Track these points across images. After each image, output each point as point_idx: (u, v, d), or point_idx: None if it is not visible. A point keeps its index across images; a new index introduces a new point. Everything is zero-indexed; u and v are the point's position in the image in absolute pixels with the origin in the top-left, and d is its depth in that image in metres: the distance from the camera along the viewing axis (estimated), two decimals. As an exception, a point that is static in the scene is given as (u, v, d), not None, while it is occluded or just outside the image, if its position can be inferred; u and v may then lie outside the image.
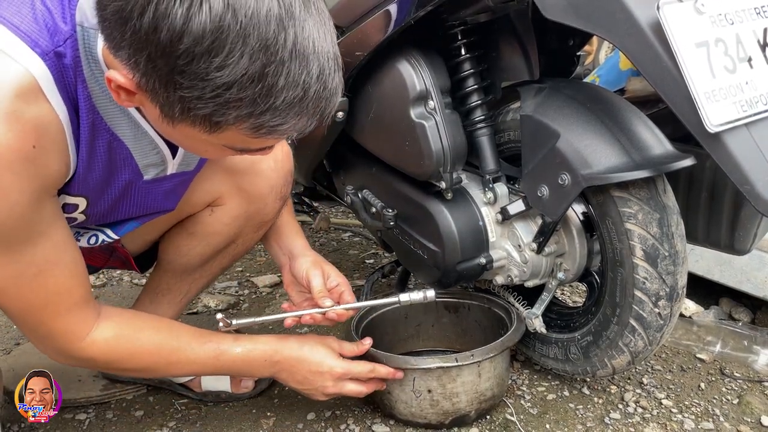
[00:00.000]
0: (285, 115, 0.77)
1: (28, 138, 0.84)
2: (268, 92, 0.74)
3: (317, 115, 0.80)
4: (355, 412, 1.39)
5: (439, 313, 1.54)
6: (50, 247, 0.96)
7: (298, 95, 0.76)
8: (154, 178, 1.08)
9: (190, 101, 0.75)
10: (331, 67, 0.78)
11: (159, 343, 1.11)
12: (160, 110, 0.79)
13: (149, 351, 1.11)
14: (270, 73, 0.73)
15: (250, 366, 1.20)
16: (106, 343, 1.06)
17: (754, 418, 1.36)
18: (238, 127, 0.78)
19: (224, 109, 0.75)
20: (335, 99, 0.81)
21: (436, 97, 1.30)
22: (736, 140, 0.97)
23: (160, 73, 0.74)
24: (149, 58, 0.73)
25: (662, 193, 1.18)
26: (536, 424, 1.34)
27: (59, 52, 0.84)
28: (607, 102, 1.22)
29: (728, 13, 0.99)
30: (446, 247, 1.35)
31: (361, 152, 1.54)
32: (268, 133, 0.80)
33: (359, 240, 2.43)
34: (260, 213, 1.32)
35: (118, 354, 1.09)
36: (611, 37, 1.01)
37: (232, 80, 0.72)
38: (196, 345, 1.14)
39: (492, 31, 1.32)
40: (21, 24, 0.83)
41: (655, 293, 1.19)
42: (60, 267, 0.98)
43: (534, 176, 1.24)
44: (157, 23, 0.70)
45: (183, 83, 0.73)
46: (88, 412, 1.42)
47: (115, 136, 0.96)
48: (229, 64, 0.71)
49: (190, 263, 1.35)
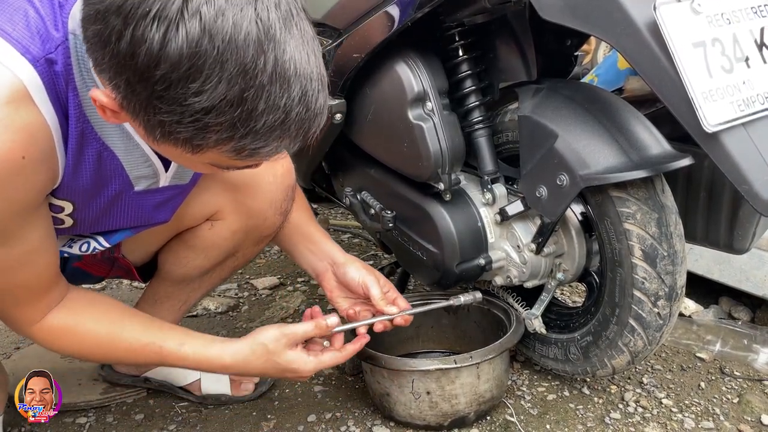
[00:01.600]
0: (266, 138, 0.76)
1: (17, 149, 0.83)
2: (248, 116, 0.73)
3: (300, 137, 0.79)
4: (355, 414, 1.39)
5: (439, 314, 1.54)
6: (25, 250, 0.96)
7: (279, 118, 0.75)
8: (146, 190, 1.06)
9: (170, 125, 0.74)
10: (315, 88, 0.77)
11: (98, 338, 1.09)
12: (144, 129, 0.79)
13: (88, 344, 1.10)
14: (249, 97, 0.72)
15: (200, 368, 1.19)
16: (50, 331, 1.07)
17: (754, 416, 1.36)
18: (220, 149, 0.78)
19: (204, 132, 0.75)
20: (319, 119, 0.80)
21: (434, 99, 1.30)
22: (734, 140, 0.97)
23: (140, 97, 0.73)
24: (128, 82, 0.72)
25: (661, 192, 1.18)
26: (536, 425, 1.34)
27: (50, 58, 0.83)
28: (605, 102, 1.22)
29: (725, 13, 0.99)
30: (445, 248, 1.35)
31: (359, 154, 1.54)
32: (250, 155, 0.79)
33: (358, 241, 2.43)
34: (259, 228, 1.31)
35: (62, 343, 1.09)
36: (608, 38, 1.01)
37: (210, 105, 0.71)
38: (138, 345, 1.10)
39: (489, 33, 1.32)
40: (12, 31, 0.82)
41: (654, 293, 1.19)
42: (29, 267, 0.99)
43: (532, 177, 1.24)
44: (134, 48, 0.69)
45: (162, 108, 0.72)
46: (89, 416, 1.42)
47: (105, 146, 0.95)
48: (207, 89, 0.70)
49: (188, 274, 1.35)
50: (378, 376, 1.31)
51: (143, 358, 1.13)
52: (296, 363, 1.13)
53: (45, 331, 1.07)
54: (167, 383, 1.47)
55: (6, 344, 1.76)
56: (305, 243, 1.35)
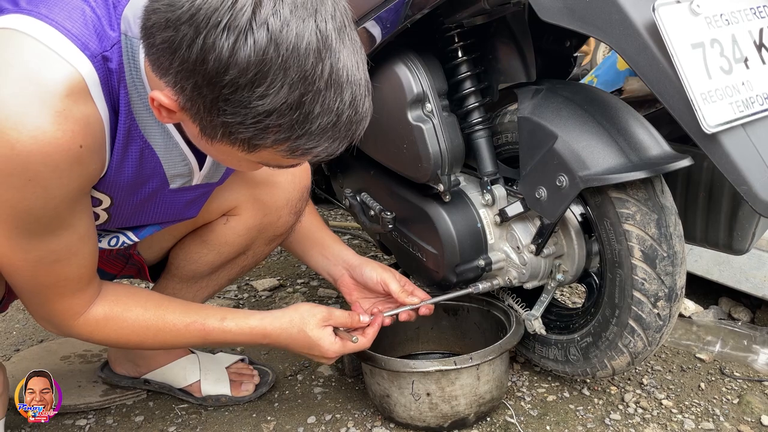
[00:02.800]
0: (319, 139, 0.83)
1: (76, 138, 0.87)
2: (305, 119, 0.79)
3: (348, 138, 0.86)
4: (355, 416, 1.39)
5: (439, 315, 1.54)
6: (74, 239, 0.99)
7: (332, 121, 0.81)
8: (180, 188, 1.10)
9: (232, 126, 0.80)
10: (362, 94, 0.83)
11: (145, 323, 1.12)
12: (201, 130, 0.84)
13: (135, 331, 1.12)
14: (307, 101, 0.78)
15: (239, 342, 1.22)
16: (96, 322, 1.10)
17: (754, 417, 1.36)
18: (276, 149, 0.84)
19: (264, 133, 0.80)
20: (365, 122, 0.87)
21: (433, 100, 1.30)
22: (733, 141, 0.97)
23: (205, 100, 0.78)
24: (196, 85, 0.77)
25: (660, 193, 1.19)
26: (536, 426, 1.34)
27: (106, 56, 0.88)
28: (605, 103, 1.22)
29: (724, 14, 0.99)
30: (445, 249, 1.35)
31: (359, 155, 1.54)
32: (303, 154, 0.85)
33: (358, 243, 2.43)
34: (274, 225, 1.34)
35: (107, 333, 1.11)
36: (607, 39, 1.01)
37: (273, 108, 0.77)
38: (182, 326, 1.14)
39: (489, 34, 1.33)
40: (72, 28, 0.86)
41: (653, 294, 1.19)
42: (78, 257, 1.02)
43: (532, 178, 1.24)
44: (205, 55, 0.74)
45: (227, 110, 0.78)
46: (88, 418, 1.42)
47: (147, 144, 0.99)
48: (271, 93, 0.76)
49: (198, 271, 1.36)
50: (378, 378, 1.31)
51: (188, 338, 1.16)
52: (324, 341, 1.18)
53: (91, 323, 1.09)
54: (167, 385, 1.47)
55: (5, 346, 1.76)
56: (318, 248, 1.40)
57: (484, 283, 1.37)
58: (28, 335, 1.82)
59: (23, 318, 1.92)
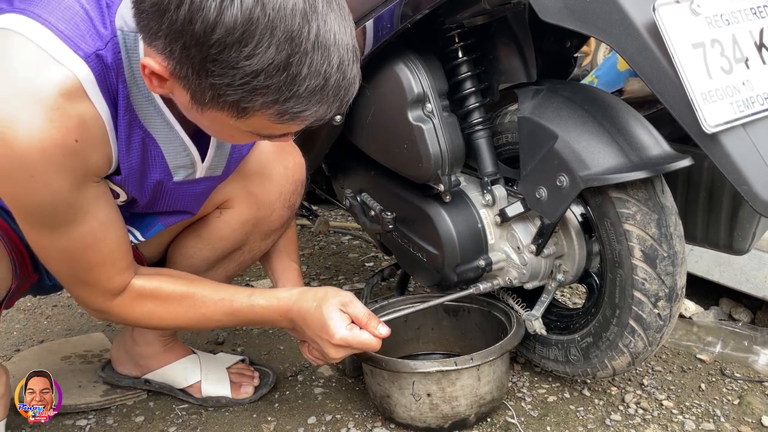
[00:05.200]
0: (307, 103, 0.82)
1: (70, 133, 0.90)
2: (293, 80, 0.79)
3: (337, 103, 0.85)
4: (355, 416, 1.39)
5: (439, 316, 1.54)
6: (96, 225, 1.02)
7: (320, 84, 0.81)
8: (184, 180, 1.12)
9: (220, 88, 0.80)
10: (350, 59, 0.83)
11: (183, 295, 1.15)
12: (191, 96, 0.84)
13: (168, 307, 1.15)
14: (294, 62, 0.78)
15: (265, 321, 1.22)
16: (135, 296, 1.13)
17: (754, 418, 1.36)
18: (264, 113, 0.84)
19: (251, 95, 0.81)
20: (353, 88, 0.86)
21: (433, 100, 1.30)
22: (734, 141, 0.97)
23: (194, 61, 0.79)
24: (184, 46, 0.78)
25: (660, 193, 1.18)
26: (537, 427, 1.34)
27: (100, 54, 0.90)
28: (605, 103, 1.22)
29: (724, 14, 0.99)
30: (445, 249, 1.35)
31: (359, 156, 1.54)
32: (291, 119, 0.85)
33: (358, 243, 2.43)
34: (267, 220, 1.34)
35: (141, 311, 1.14)
36: (608, 39, 1.01)
37: (260, 68, 0.78)
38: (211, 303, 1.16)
39: (489, 34, 1.33)
40: (65, 28, 0.88)
41: (654, 294, 1.19)
42: (106, 242, 1.05)
43: (532, 178, 1.24)
44: (192, 15, 0.76)
45: (215, 71, 0.79)
46: (89, 418, 1.42)
47: (148, 134, 1.02)
48: (258, 53, 0.77)
49: (193, 266, 1.36)
50: (378, 378, 1.31)
51: (218, 316, 1.17)
52: (333, 321, 1.15)
53: (128, 300, 1.12)
54: (167, 385, 1.47)
55: (6, 347, 1.76)
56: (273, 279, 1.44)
57: (484, 283, 1.37)
58: (29, 335, 1.82)
59: (24, 318, 1.92)
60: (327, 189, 1.82)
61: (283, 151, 1.33)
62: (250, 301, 1.17)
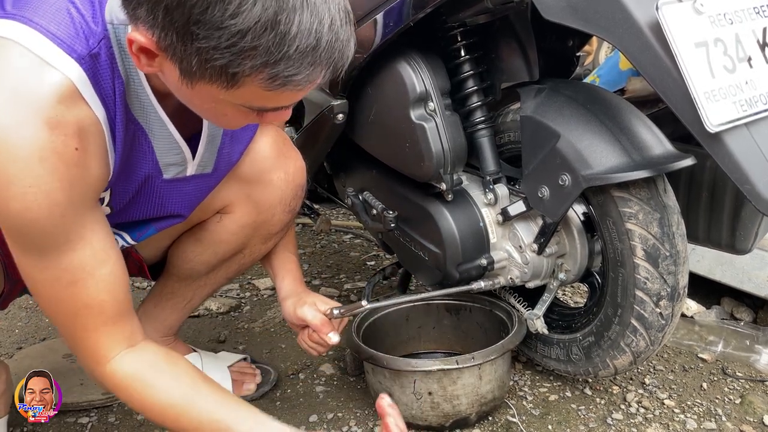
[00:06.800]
0: (299, 65, 0.78)
1: (70, 141, 0.86)
2: (282, 40, 0.76)
3: (330, 66, 0.81)
4: (357, 414, 1.39)
5: (440, 315, 1.54)
6: (89, 255, 0.95)
7: (311, 44, 0.77)
8: (174, 178, 1.10)
9: (206, 51, 0.76)
10: (342, 19, 0.79)
11: (171, 399, 1.00)
12: (179, 68, 0.80)
13: (158, 402, 1.01)
14: (282, 20, 0.75)
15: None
16: (123, 378, 1.00)
17: (756, 417, 1.36)
18: (254, 78, 0.79)
19: (239, 58, 0.77)
20: (348, 51, 0.82)
21: (436, 99, 1.30)
22: (736, 140, 0.96)
23: (177, 25, 0.76)
24: (166, 10, 0.75)
25: (663, 192, 1.18)
26: (538, 425, 1.34)
27: (94, 53, 0.88)
28: (607, 102, 1.22)
29: (727, 13, 0.99)
30: (447, 248, 1.35)
31: (361, 154, 1.54)
32: (283, 84, 0.80)
33: (360, 242, 2.43)
34: (268, 224, 1.33)
35: (130, 393, 1.01)
36: (610, 38, 1.01)
37: (246, 27, 0.74)
38: (207, 420, 1.00)
39: (491, 33, 1.32)
40: (58, 31, 0.86)
41: (656, 293, 1.19)
42: (95, 278, 0.96)
43: (534, 177, 1.24)
44: None
45: (199, 33, 0.75)
46: (91, 416, 1.42)
47: (140, 127, 0.99)
48: (243, 11, 0.73)
49: (194, 270, 1.36)
50: (380, 377, 1.31)
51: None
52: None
53: (118, 376, 1.00)
54: (169, 384, 1.46)
55: (8, 344, 1.76)
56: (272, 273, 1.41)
57: (485, 281, 1.37)
58: (31, 333, 1.82)
59: (26, 316, 1.92)
60: (329, 187, 1.82)
61: (284, 156, 1.30)
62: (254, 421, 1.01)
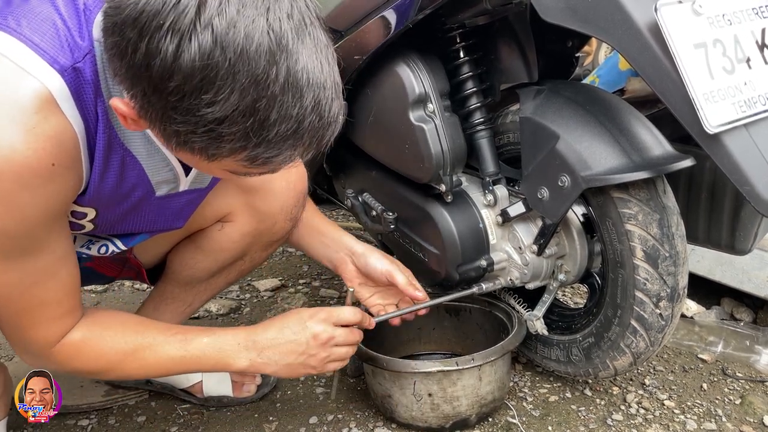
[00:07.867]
0: (279, 148, 0.77)
1: (48, 156, 0.84)
2: (261, 126, 0.74)
3: (314, 146, 0.80)
4: (357, 416, 1.39)
5: (440, 316, 1.54)
6: (51, 260, 0.96)
7: (292, 128, 0.76)
8: (167, 194, 1.08)
9: (184, 135, 0.76)
10: (328, 97, 0.77)
11: (125, 340, 1.07)
12: (162, 136, 0.80)
13: (115, 349, 1.06)
14: (261, 107, 0.73)
15: (223, 353, 1.11)
16: (73, 345, 1.04)
17: (756, 418, 1.36)
18: (234, 158, 0.79)
19: (217, 142, 0.76)
20: (333, 127, 0.81)
21: (435, 100, 1.30)
22: (736, 141, 0.96)
23: (155, 108, 0.75)
24: (144, 92, 0.74)
25: (662, 193, 1.18)
26: (538, 426, 1.33)
27: (78, 67, 0.84)
28: (607, 103, 1.22)
29: (726, 14, 0.99)
30: (447, 249, 1.35)
31: (361, 156, 1.54)
32: (264, 164, 0.80)
33: (360, 243, 2.42)
34: (269, 232, 1.32)
35: (85, 356, 1.06)
36: (609, 39, 1.01)
37: (223, 116, 0.72)
38: (162, 338, 1.09)
39: (490, 34, 1.33)
40: (41, 42, 0.83)
41: (656, 294, 1.19)
42: (55, 279, 0.98)
43: (534, 178, 1.24)
44: (148, 60, 0.71)
45: (176, 118, 0.74)
46: (91, 418, 1.42)
47: (128, 152, 0.96)
48: (220, 100, 0.71)
49: (195, 276, 1.36)
50: (380, 378, 1.31)
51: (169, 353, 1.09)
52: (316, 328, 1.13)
53: (66, 349, 1.03)
54: (169, 385, 1.47)
55: (8, 346, 1.76)
56: (316, 235, 1.37)
57: (486, 283, 1.37)
58: (31, 335, 1.82)
59: (25, 318, 1.92)
60: (328, 189, 1.82)
61: None
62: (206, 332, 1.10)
